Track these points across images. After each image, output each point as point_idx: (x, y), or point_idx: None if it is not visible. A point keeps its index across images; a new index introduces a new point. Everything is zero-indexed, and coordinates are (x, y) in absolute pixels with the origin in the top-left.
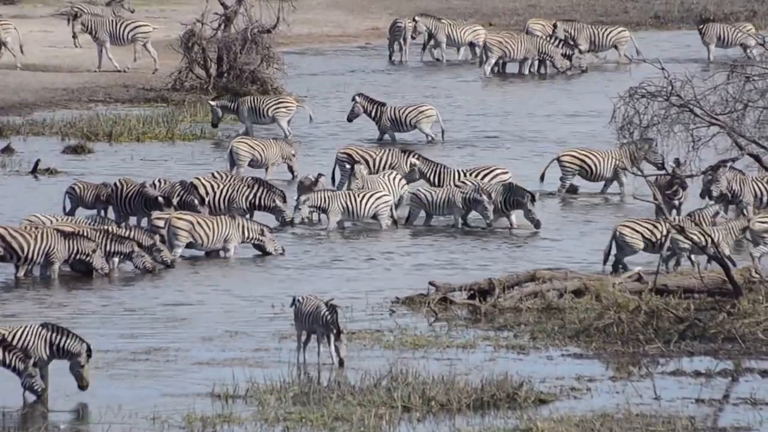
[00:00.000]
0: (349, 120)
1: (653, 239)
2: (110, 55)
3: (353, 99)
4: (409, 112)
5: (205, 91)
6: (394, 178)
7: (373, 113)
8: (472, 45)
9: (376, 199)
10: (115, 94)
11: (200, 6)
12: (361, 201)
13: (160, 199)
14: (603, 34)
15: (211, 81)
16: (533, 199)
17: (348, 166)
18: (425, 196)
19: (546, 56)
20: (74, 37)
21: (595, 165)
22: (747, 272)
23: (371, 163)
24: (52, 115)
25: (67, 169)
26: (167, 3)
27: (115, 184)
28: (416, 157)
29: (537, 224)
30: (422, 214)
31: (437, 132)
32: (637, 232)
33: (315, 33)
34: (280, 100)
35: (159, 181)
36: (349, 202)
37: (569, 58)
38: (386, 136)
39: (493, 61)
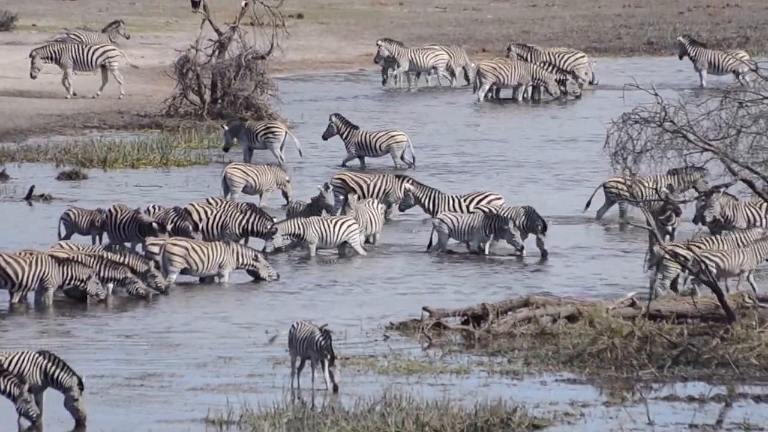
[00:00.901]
0: (324, 138)
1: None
2: (70, 81)
3: (330, 118)
4: (379, 137)
5: (199, 117)
6: (377, 206)
7: (344, 135)
8: (434, 69)
9: (348, 226)
10: (109, 121)
11: (194, 32)
12: (332, 227)
13: (155, 225)
14: (560, 59)
15: (205, 107)
16: (544, 229)
17: (342, 192)
18: (450, 221)
19: (540, 82)
20: (33, 77)
21: (642, 192)
22: (740, 297)
23: (365, 189)
24: (46, 141)
25: (61, 196)
26: (162, 29)
27: (109, 210)
28: (410, 182)
29: (544, 254)
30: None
31: (408, 158)
32: (680, 255)
33: (309, 59)
34: (268, 126)
35: (153, 207)
36: (321, 229)
37: (563, 84)
38: (393, 160)
39: (486, 87)
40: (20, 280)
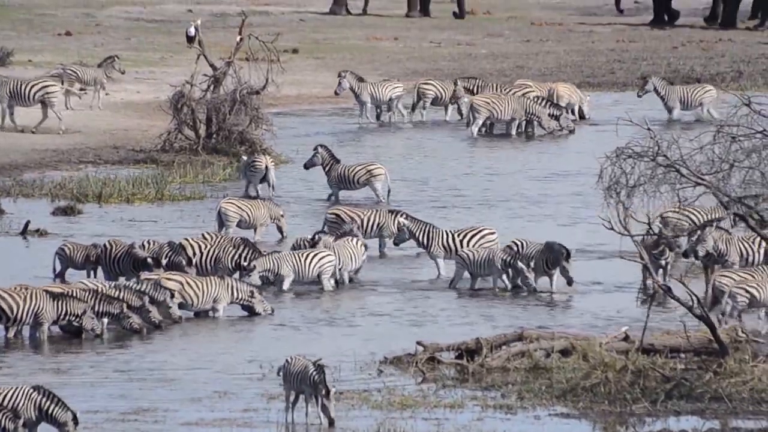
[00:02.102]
0: (306, 167)
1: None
2: (12, 117)
3: (315, 148)
4: (357, 171)
5: (194, 152)
6: (357, 243)
7: (326, 167)
8: (391, 101)
9: (320, 259)
10: (104, 156)
11: (189, 67)
12: (306, 261)
13: (150, 260)
14: (506, 92)
15: (200, 142)
16: (569, 256)
17: (337, 227)
18: (468, 256)
19: (533, 116)
20: None
21: (697, 224)
22: (733, 331)
23: (359, 223)
24: (42, 176)
25: (56, 231)
26: (157, 64)
27: (104, 245)
28: (404, 216)
29: (570, 281)
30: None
31: (384, 192)
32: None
33: (304, 94)
34: (253, 160)
35: (148, 242)
36: (296, 263)
37: (556, 118)
38: (374, 193)
39: (480, 121)
40: (15, 315)
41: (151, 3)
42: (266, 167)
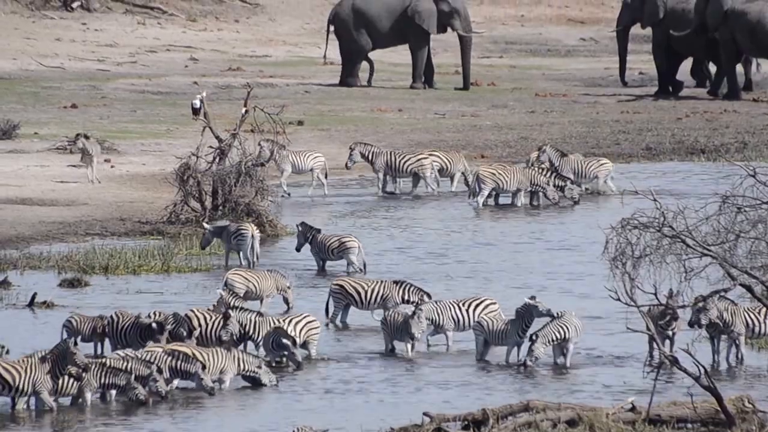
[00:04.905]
0: (297, 250)
1: None
2: None
3: (297, 228)
4: (331, 242)
5: (200, 224)
6: (301, 322)
7: (310, 239)
8: (312, 171)
9: (307, 327)
10: (111, 227)
11: (195, 139)
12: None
13: (154, 325)
14: (401, 161)
15: (206, 214)
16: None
17: (341, 299)
18: (486, 324)
19: (538, 188)
20: None
21: None
22: (740, 402)
23: (363, 295)
24: (48, 248)
25: (63, 302)
26: (162, 136)
27: (111, 316)
28: (408, 288)
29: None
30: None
31: (359, 265)
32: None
33: None
34: (239, 228)
35: (154, 313)
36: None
37: (561, 189)
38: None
39: (486, 192)
40: (17, 385)
41: (156, 75)
42: (252, 236)
